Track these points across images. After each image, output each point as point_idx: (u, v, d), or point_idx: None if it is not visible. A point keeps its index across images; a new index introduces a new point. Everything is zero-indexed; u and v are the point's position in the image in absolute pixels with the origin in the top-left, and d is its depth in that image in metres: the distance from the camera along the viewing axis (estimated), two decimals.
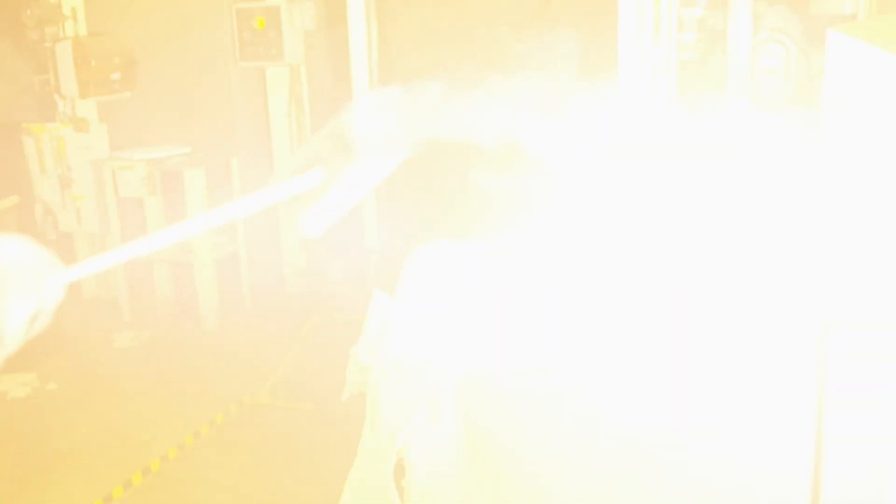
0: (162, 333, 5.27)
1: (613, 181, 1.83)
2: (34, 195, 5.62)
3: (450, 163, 5.97)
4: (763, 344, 1.22)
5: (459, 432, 1.28)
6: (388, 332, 1.47)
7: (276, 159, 5.58)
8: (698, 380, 1.30)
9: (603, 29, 5.41)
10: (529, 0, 6.19)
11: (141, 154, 5.30)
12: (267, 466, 3.78)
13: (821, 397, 1.16)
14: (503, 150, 6.52)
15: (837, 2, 5.54)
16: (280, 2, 5.16)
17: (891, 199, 1.22)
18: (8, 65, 5.63)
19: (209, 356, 4.96)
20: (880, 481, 1.15)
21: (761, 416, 1.25)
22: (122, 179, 5.25)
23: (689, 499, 1.33)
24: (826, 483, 1.24)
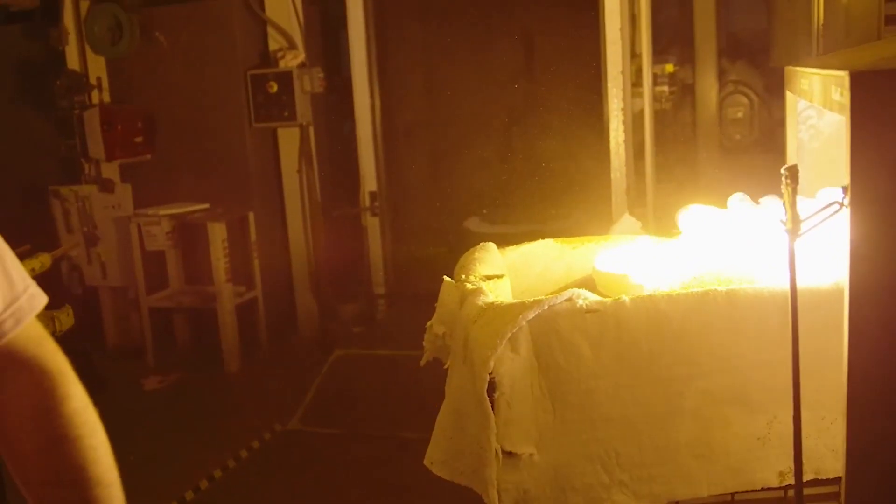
0: (187, 376, 5.62)
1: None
2: None
3: (446, 211, 6.44)
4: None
5: (532, 357, 1.72)
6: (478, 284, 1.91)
7: (289, 212, 6.02)
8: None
9: (585, 81, 5.93)
10: (516, 59, 6.74)
11: (164, 210, 5.71)
12: (303, 484, 4.15)
13: None
14: (495, 201, 6.97)
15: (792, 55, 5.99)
16: (292, 68, 5.65)
17: None
18: (37, 131, 6.06)
19: (236, 393, 5.34)
20: None
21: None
22: (147, 234, 5.66)
23: (702, 404, 1.78)
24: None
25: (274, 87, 5.68)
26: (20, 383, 1.30)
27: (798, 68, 2.27)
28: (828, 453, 1.79)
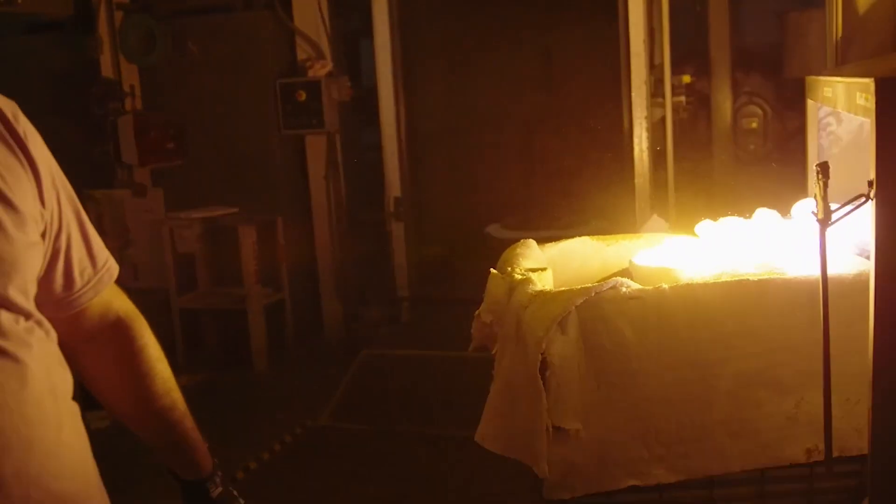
0: (216, 375, 5.79)
1: None
2: None
3: (468, 217, 6.59)
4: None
5: (579, 340, 1.88)
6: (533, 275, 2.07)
7: (315, 217, 6.19)
8: None
9: (603, 92, 6.10)
10: (536, 70, 6.92)
11: (195, 214, 5.89)
12: (336, 475, 4.31)
13: None
14: (515, 207, 7.15)
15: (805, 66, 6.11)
16: (320, 77, 5.83)
17: None
18: (70, 137, 6.24)
19: (265, 392, 5.51)
20: None
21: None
22: (179, 237, 5.83)
23: (735, 386, 1.93)
24: None
25: (302, 96, 5.86)
26: (107, 333, 1.56)
27: (820, 77, 2.43)
28: (852, 432, 1.94)
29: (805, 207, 2.26)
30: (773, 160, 7.09)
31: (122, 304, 1.59)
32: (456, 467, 4.28)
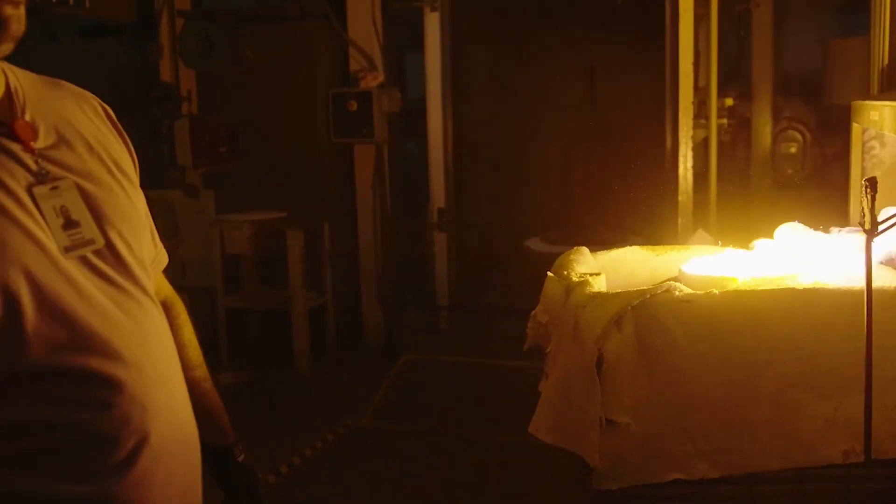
0: (259, 374, 5.95)
1: None
2: None
3: (508, 230, 6.73)
4: None
5: (633, 338, 2.01)
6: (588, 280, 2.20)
7: (360, 224, 6.36)
8: None
9: (644, 111, 6.22)
10: (579, 89, 7.06)
11: (245, 216, 6.06)
12: (377, 473, 4.45)
13: None
14: (555, 222, 7.31)
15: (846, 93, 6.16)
16: (372, 88, 6.01)
17: None
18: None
19: (307, 392, 5.66)
20: None
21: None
22: (228, 238, 6.01)
23: (777, 388, 2.05)
24: None
25: (354, 106, 6.03)
26: None
27: (867, 102, 2.55)
28: (888, 436, 2.05)
29: (843, 230, 2.39)
30: (810, 185, 7.16)
31: (167, 287, 1.76)
32: (492, 468, 4.41)
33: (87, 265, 1.32)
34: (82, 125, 1.46)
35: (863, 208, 1.66)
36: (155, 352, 1.39)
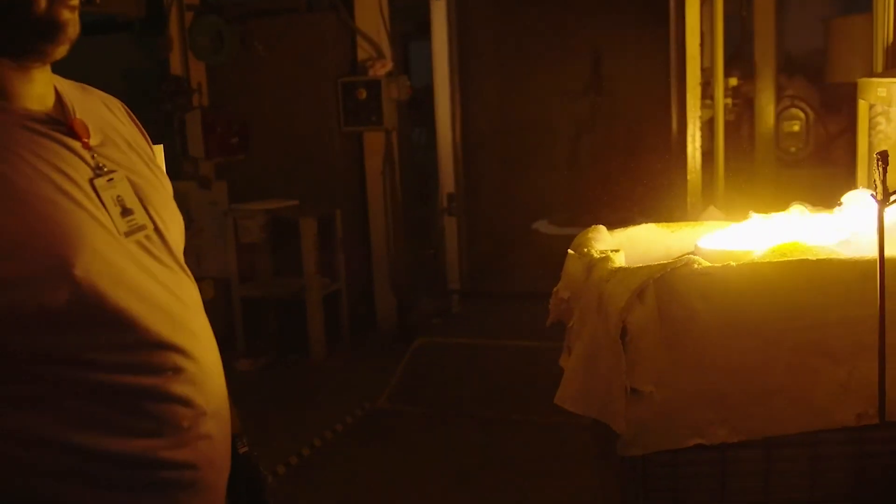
0: (276, 361, 6.05)
1: None
2: None
3: (517, 214, 6.81)
4: None
5: (655, 309, 2.09)
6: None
7: (371, 211, 6.44)
8: None
9: (649, 94, 6.30)
10: (585, 73, 7.13)
11: (258, 205, 6.15)
12: (395, 453, 4.55)
13: None
14: (562, 204, 7.40)
15: (848, 71, 6.19)
16: (380, 76, 6.09)
17: None
18: None
19: (324, 378, 5.76)
20: None
21: None
22: (242, 227, 6.10)
23: (793, 355, 2.13)
24: None
25: (363, 94, 6.11)
26: None
27: (873, 79, 2.63)
28: None
29: (855, 197, 2.46)
30: (813, 163, 7.23)
31: None
32: (507, 447, 4.51)
33: (142, 248, 1.45)
34: (116, 125, 1.60)
35: (874, 180, 1.74)
36: (200, 323, 1.53)
